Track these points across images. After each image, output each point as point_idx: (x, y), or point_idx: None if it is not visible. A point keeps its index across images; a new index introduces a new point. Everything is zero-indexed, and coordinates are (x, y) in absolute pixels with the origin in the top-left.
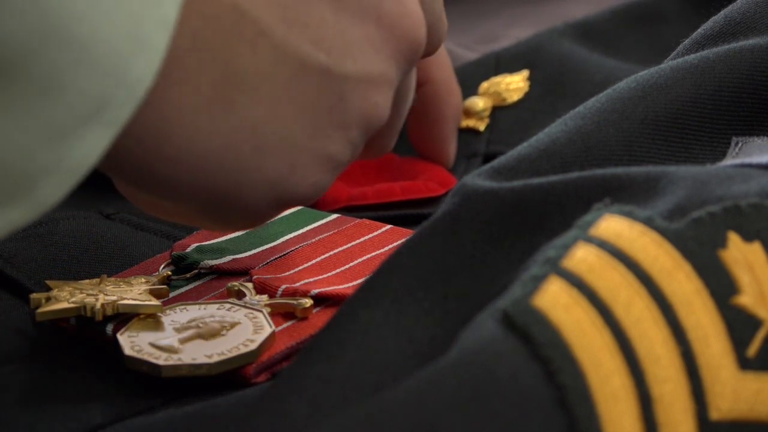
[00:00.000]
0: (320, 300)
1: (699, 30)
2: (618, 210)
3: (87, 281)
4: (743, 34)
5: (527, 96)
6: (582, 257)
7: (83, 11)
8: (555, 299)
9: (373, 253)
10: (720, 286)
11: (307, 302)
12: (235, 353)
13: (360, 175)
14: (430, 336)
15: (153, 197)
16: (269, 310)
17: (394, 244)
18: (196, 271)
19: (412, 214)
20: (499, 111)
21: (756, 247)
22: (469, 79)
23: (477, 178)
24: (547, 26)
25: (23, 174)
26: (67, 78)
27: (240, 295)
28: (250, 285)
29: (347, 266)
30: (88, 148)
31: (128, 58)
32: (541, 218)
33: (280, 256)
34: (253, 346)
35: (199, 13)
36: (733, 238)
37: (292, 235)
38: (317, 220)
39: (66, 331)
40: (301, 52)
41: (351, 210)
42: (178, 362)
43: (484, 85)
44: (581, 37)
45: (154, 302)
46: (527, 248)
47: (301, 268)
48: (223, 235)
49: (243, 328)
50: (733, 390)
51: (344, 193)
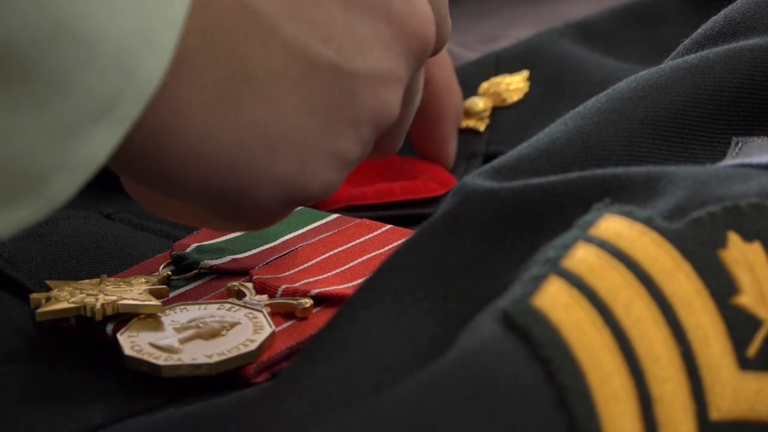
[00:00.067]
0: (320, 300)
1: (699, 30)
2: (618, 210)
3: (87, 281)
4: (743, 34)
5: (527, 96)
6: (582, 257)
7: (91, 10)
8: (555, 299)
9: (373, 253)
10: (720, 286)
11: (307, 302)
12: (235, 353)
13: (360, 175)
14: (430, 336)
15: (162, 196)
16: (269, 310)
17: (394, 244)
18: (196, 271)
19: (412, 214)
20: (499, 111)
21: (756, 247)
22: (469, 79)
23: (477, 178)
24: (547, 26)
25: (32, 172)
26: (76, 76)
27: (240, 295)
28: (250, 285)
29: (347, 266)
30: (97, 146)
31: (137, 56)
32: (541, 218)
33: (280, 256)
34: (253, 346)
35: (208, 11)
36: (733, 238)
37: (292, 235)
38: (317, 220)
39: (66, 331)
40: (310, 49)
41: (351, 210)
42: (178, 362)
43: (484, 86)
44: (581, 37)
45: (154, 302)
46: (527, 248)
47: (301, 268)
48: (223, 235)
49: (243, 328)
50: (733, 390)
51: (344, 193)
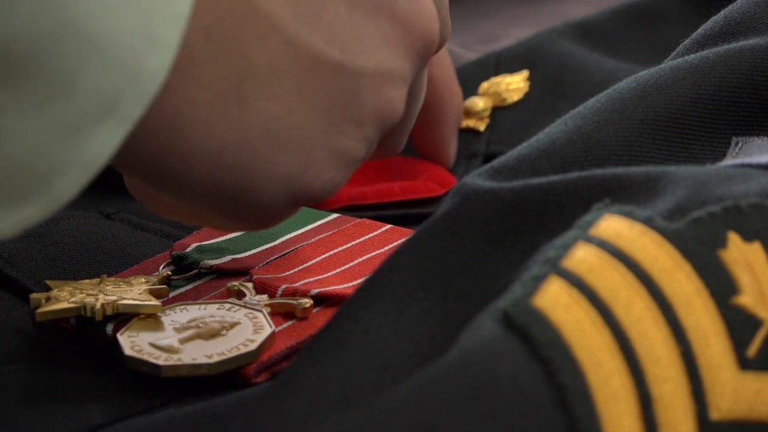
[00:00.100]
0: (320, 300)
1: (699, 30)
2: (618, 210)
3: (87, 281)
4: (743, 34)
5: (527, 96)
6: (582, 257)
7: (94, 9)
8: (555, 299)
9: (373, 253)
10: (720, 286)
11: (307, 302)
12: (235, 353)
13: (360, 174)
14: (430, 336)
15: (166, 195)
16: (269, 310)
17: (394, 243)
18: (196, 270)
19: (412, 214)
20: (499, 111)
21: (756, 247)
22: (469, 79)
23: (477, 178)
24: (547, 26)
25: (37, 171)
26: (80, 75)
27: (240, 295)
28: (250, 285)
29: (347, 266)
30: (101, 145)
31: (141, 54)
32: (541, 218)
33: (280, 256)
34: (253, 346)
35: (212, 9)
36: (733, 238)
37: (292, 235)
38: (317, 220)
39: (66, 331)
40: (314, 47)
41: (351, 210)
42: (178, 362)
43: (484, 86)
44: (581, 37)
45: (154, 302)
46: (527, 248)
47: (301, 267)
48: (222, 235)
49: (243, 328)
50: (733, 390)
51: (344, 193)
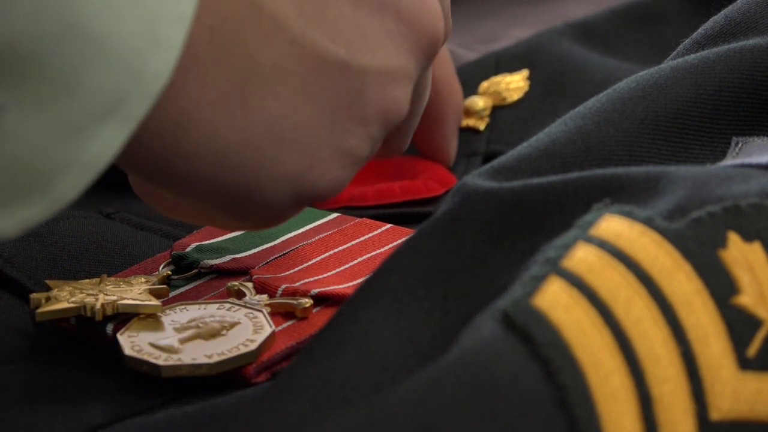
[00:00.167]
0: (320, 300)
1: (699, 30)
2: (618, 210)
3: (87, 281)
4: (743, 34)
5: (527, 95)
6: (582, 257)
7: (98, 9)
8: (555, 299)
9: (373, 253)
10: (720, 286)
11: (307, 302)
12: (235, 353)
13: (360, 173)
14: (430, 336)
15: (170, 194)
16: (269, 309)
17: (394, 243)
18: (196, 270)
19: (412, 213)
20: (499, 110)
21: (756, 247)
22: (469, 78)
23: (477, 178)
24: (547, 26)
25: (39, 171)
26: (83, 75)
27: (240, 294)
28: (250, 285)
29: (347, 266)
30: (104, 145)
31: (144, 54)
32: (541, 218)
33: (280, 256)
34: (253, 346)
35: (217, 9)
36: (733, 238)
37: (292, 234)
38: (317, 219)
39: (66, 331)
40: (319, 46)
41: (350, 209)
42: (178, 362)
43: (484, 85)
44: (581, 37)
45: (154, 302)
46: (527, 248)
47: (301, 267)
48: (222, 235)
49: (243, 328)
50: (733, 390)
51: (344, 192)
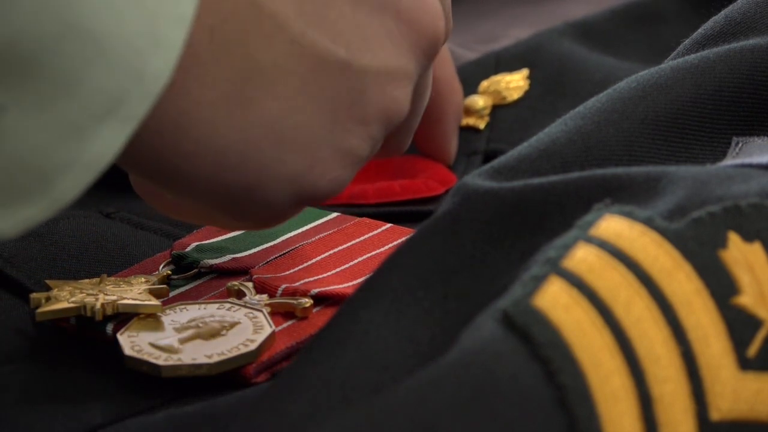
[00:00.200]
0: (320, 299)
1: (699, 30)
2: (618, 210)
3: (87, 281)
4: (743, 34)
5: (527, 94)
6: (582, 257)
7: (98, 9)
8: (555, 299)
9: (373, 252)
10: (720, 286)
11: (307, 302)
12: (235, 353)
13: (360, 172)
14: (430, 336)
15: (171, 194)
16: (269, 309)
17: (394, 243)
18: (196, 270)
19: (413, 211)
20: (499, 109)
21: (756, 247)
22: (469, 77)
23: (477, 178)
24: (547, 26)
25: (40, 171)
26: (84, 75)
27: (240, 294)
28: (250, 284)
29: (347, 265)
30: (104, 145)
31: (144, 55)
32: (541, 218)
33: (280, 255)
34: (253, 346)
35: (217, 9)
36: (733, 238)
37: (292, 234)
38: (317, 219)
39: (66, 331)
40: (319, 46)
41: (351, 206)
42: (178, 362)
43: (484, 84)
44: (581, 37)
45: (154, 302)
46: (527, 248)
47: (301, 267)
48: (222, 234)
49: (243, 328)
50: (733, 390)
51: (345, 191)
